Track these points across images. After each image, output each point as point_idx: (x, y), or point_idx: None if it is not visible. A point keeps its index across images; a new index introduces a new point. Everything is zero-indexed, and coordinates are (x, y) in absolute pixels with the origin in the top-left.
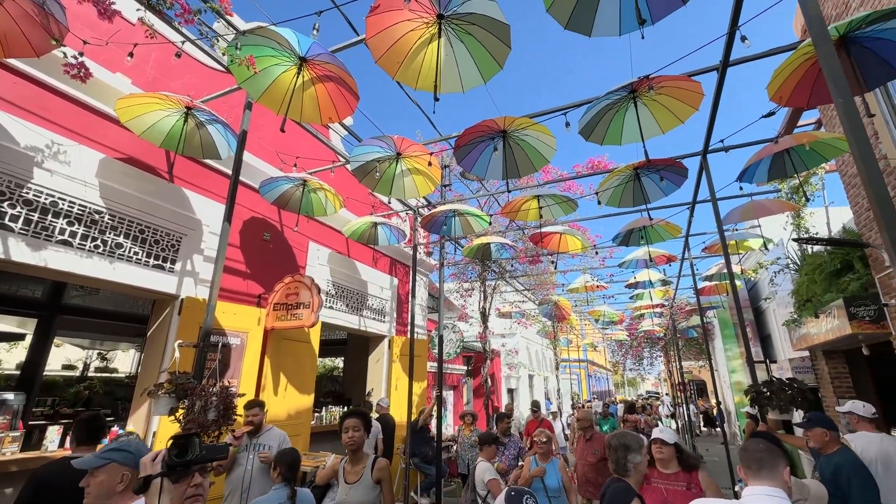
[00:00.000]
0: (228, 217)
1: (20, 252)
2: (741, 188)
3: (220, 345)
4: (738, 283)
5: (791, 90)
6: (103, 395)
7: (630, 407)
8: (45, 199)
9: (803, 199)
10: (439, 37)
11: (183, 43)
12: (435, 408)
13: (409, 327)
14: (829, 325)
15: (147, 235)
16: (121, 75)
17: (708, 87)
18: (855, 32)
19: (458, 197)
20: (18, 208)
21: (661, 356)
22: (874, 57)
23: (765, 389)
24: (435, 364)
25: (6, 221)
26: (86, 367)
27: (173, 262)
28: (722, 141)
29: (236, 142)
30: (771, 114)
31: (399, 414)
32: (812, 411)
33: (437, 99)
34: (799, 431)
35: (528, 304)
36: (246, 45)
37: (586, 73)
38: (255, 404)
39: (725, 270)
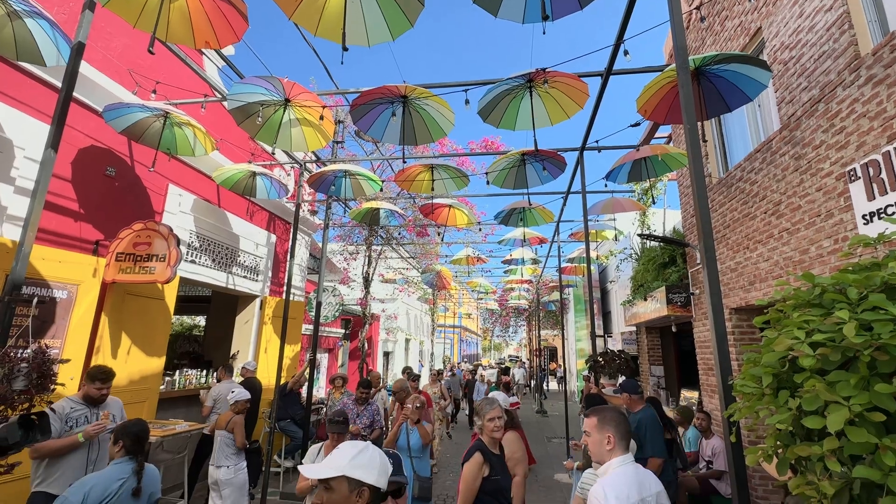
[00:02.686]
0: (55, 143)
1: None
2: (606, 185)
3: (34, 299)
4: (592, 266)
5: (654, 106)
6: None
7: (505, 370)
8: None
9: (650, 201)
10: None
11: None
12: (307, 372)
13: (285, 288)
14: (653, 307)
15: None
16: None
17: (592, 92)
18: (706, 67)
19: (351, 157)
20: None
21: (524, 325)
22: (715, 91)
23: (600, 359)
24: (310, 327)
25: None
26: None
27: None
28: (597, 141)
29: (70, 50)
30: (637, 124)
31: (268, 378)
32: (625, 379)
33: (345, 48)
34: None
35: (412, 273)
36: None
37: (487, 55)
38: (101, 376)
39: (585, 255)
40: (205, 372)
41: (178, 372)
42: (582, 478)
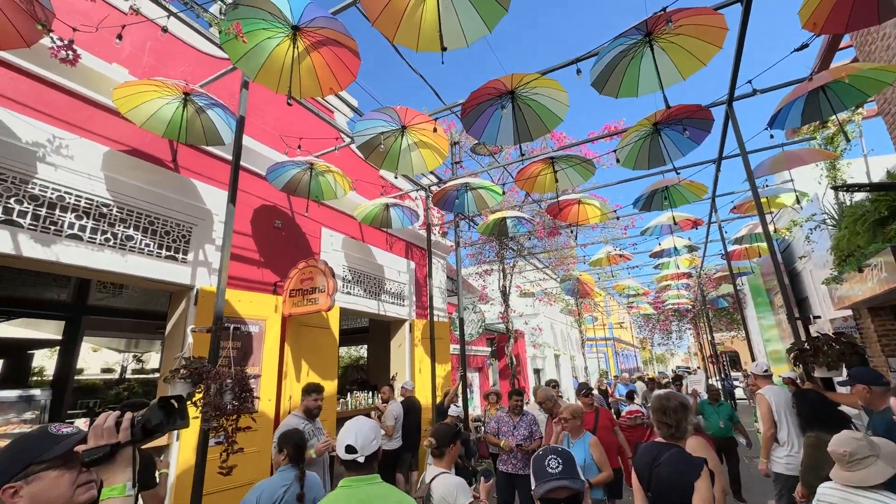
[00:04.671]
0: (232, 199)
1: (31, 248)
2: (772, 136)
3: (231, 328)
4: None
5: (827, 13)
6: (142, 395)
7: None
8: (52, 193)
9: (842, 143)
10: None
11: (168, 17)
12: (460, 387)
13: (428, 309)
14: (876, 279)
15: (157, 227)
16: (118, 66)
17: (730, 23)
18: None
19: (470, 173)
20: (25, 204)
21: (690, 329)
22: None
23: (808, 346)
24: (458, 346)
25: (14, 217)
26: (123, 369)
27: (185, 252)
28: (749, 82)
29: (234, 123)
30: (804, 46)
31: (424, 396)
32: (859, 367)
33: (444, 48)
34: (842, 390)
35: (550, 283)
36: (236, 19)
37: (592, 20)
38: (317, 388)
39: (755, 231)
40: (371, 394)
41: (349, 395)
42: (822, 495)
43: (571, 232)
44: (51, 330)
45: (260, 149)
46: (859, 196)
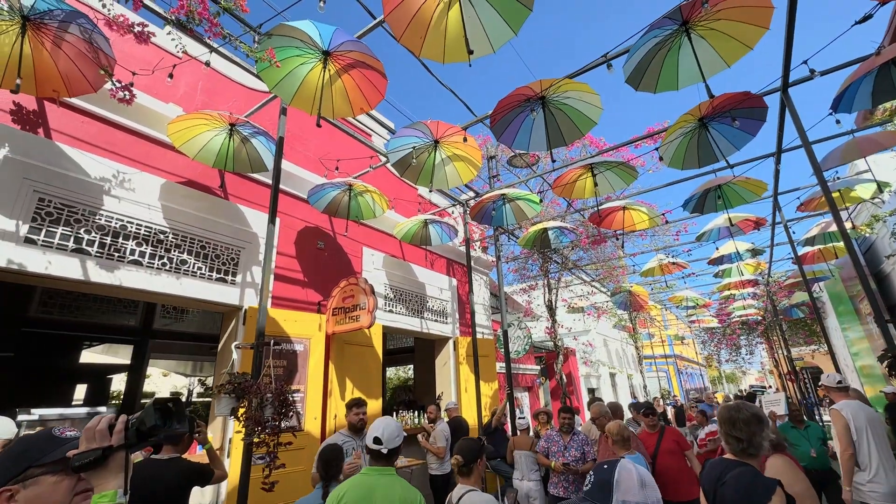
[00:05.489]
0: (272, 219)
1: (97, 273)
2: (838, 122)
3: (272, 343)
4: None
5: None
6: (206, 418)
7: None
8: (115, 223)
9: None
10: None
11: (211, 52)
12: (507, 407)
13: (471, 326)
14: None
15: (208, 251)
16: (173, 105)
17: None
18: None
19: (508, 186)
20: (93, 233)
21: (762, 343)
22: None
23: None
24: (503, 365)
25: (83, 246)
26: (189, 393)
27: (234, 274)
28: (805, 62)
29: (275, 146)
30: (867, 18)
31: (471, 416)
32: None
33: (471, 52)
34: None
35: (600, 297)
36: (270, 47)
37: (626, 12)
38: (358, 401)
39: (829, 230)
40: (417, 413)
41: (395, 414)
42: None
43: (617, 240)
44: (125, 356)
45: (302, 174)
46: None
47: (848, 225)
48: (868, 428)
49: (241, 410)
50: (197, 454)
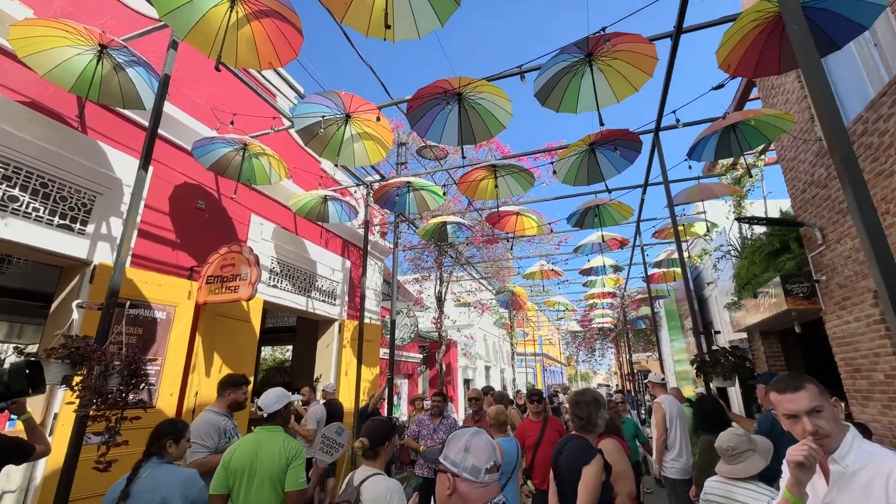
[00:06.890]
0: (144, 165)
1: None
2: (690, 167)
3: (127, 305)
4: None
5: (740, 56)
6: None
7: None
8: None
9: (747, 182)
10: None
11: None
12: (385, 392)
13: (360, 310)
14: (767, 303)
15: (51, 190)
16: (19, 3)
17: (661, 56)
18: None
19: (414, 174)
20: None
21: (612, 347)
22: (816, 28)
23: (708, 358)
24: (388, 350)
25: None
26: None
27: (84, 223)
28: (674, 112)
29: (158, 85)
30: (720, 86)
31: (348, 400)
32: (763, 372)
33: (388, 26)
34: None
35: (486, 294)
36: None
37: (545, 30)
38: (245, 381)
39: (672, 257)
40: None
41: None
42: (707, 488)
43: (508, 242)
44: None
45: (187, 121)
46: (758, 230)
47: (686, 255)
48: (678, 418)
49: (78, 379)
50: (8, 429)
